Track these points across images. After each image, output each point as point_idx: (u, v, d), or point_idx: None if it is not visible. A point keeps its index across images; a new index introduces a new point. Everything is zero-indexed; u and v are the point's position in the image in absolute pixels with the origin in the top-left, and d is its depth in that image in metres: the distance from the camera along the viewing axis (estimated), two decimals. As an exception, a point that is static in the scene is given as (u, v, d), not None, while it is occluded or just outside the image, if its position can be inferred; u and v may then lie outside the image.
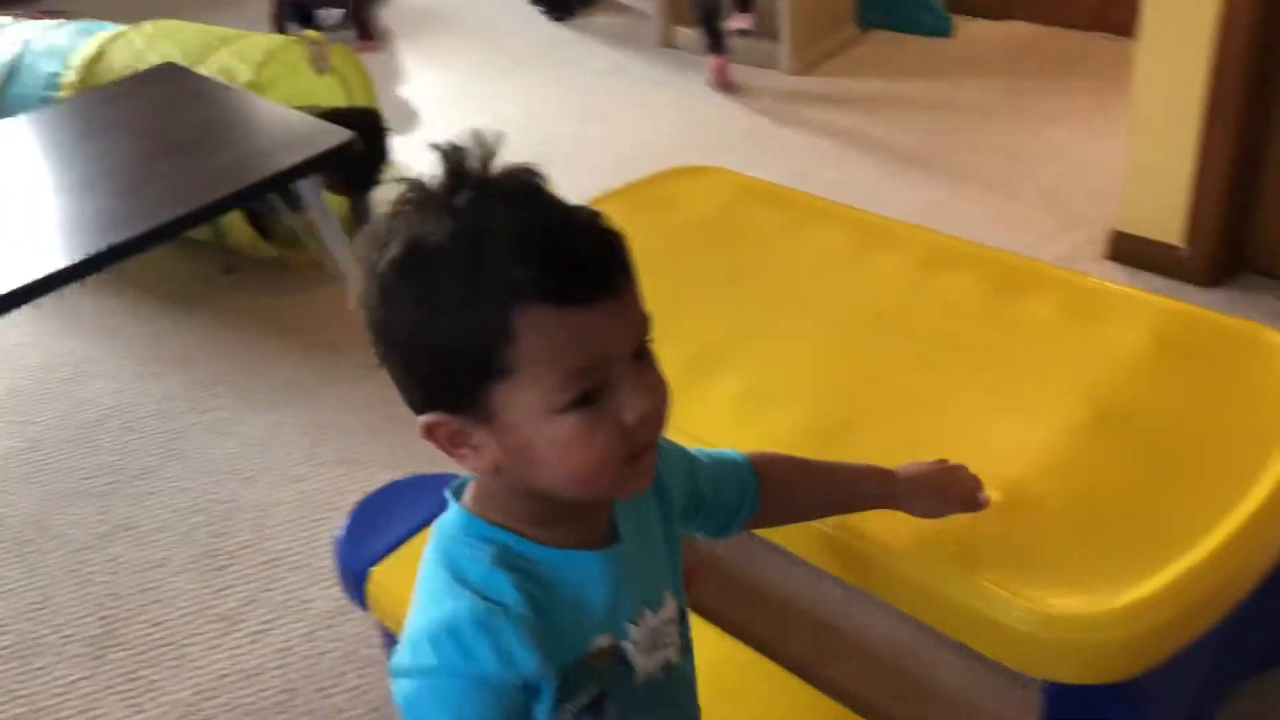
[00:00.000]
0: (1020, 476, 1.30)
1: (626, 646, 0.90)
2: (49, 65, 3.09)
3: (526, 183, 0.79)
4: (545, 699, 0.83)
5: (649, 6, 4.42)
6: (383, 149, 3.01)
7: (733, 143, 3.60)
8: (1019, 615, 1.15)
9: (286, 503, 2.29)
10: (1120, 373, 1.46)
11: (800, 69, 3.98)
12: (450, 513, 0.88)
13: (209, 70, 2.88)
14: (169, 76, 2.84)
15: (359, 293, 0.79)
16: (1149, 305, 1.61)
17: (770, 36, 3.98)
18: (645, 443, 0.81)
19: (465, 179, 0.77)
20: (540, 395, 0.77)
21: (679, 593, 0.98)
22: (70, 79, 3.03)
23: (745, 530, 1.13)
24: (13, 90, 3.08)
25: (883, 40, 4.19)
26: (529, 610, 0.81)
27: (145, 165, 2.44)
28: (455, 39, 4.73)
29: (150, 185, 2.35)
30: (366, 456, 2.36)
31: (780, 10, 3.92)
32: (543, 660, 0.81)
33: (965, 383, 1.49)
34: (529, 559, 0.84)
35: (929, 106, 3.69)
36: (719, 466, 1.07)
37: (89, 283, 2.26)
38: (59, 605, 2.09)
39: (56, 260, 2.06)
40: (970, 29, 4.17)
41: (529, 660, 0.80)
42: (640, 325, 0.81)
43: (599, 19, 4.74)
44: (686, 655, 1.00)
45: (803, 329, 1.63)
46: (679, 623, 0.98)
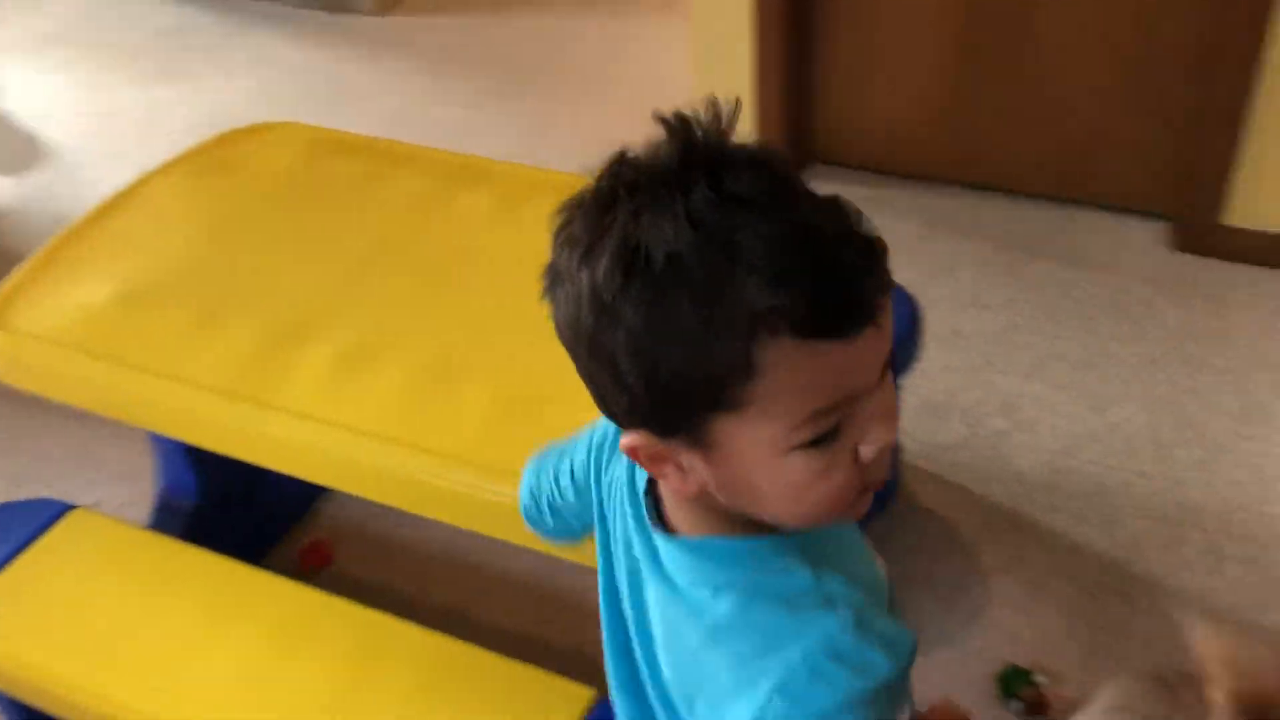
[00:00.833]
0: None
1: None
2: None
3: (777, 174, 0.66)
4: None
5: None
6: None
7: (322, 95, 3.47)
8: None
9: None
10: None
11: (382, 8, 3.88)
12: (684, 554, 0.75)
13: None
14: None
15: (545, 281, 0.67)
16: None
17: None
18: (879, 481, 0.70)
19: (698, 165, 0.64)
20: (773, 434, 0.65)
21: None
22: None
23: None
24: None
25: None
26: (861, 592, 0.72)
27: None
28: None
29: None
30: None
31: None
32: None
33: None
34: (815, 544, 0.74)
35: (515, 36, 3.70)
36: None
37: None
38: None
39: None
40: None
41: (903, 635, 0.71)
42: (889, 342, 0.67)
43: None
44: None
45: (392, 282, 1.61)
46: None
